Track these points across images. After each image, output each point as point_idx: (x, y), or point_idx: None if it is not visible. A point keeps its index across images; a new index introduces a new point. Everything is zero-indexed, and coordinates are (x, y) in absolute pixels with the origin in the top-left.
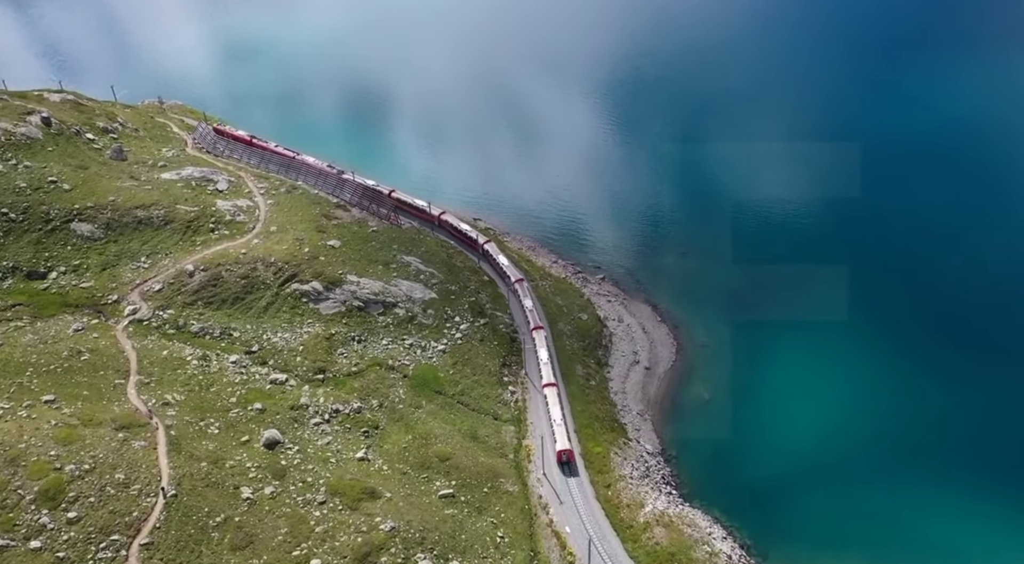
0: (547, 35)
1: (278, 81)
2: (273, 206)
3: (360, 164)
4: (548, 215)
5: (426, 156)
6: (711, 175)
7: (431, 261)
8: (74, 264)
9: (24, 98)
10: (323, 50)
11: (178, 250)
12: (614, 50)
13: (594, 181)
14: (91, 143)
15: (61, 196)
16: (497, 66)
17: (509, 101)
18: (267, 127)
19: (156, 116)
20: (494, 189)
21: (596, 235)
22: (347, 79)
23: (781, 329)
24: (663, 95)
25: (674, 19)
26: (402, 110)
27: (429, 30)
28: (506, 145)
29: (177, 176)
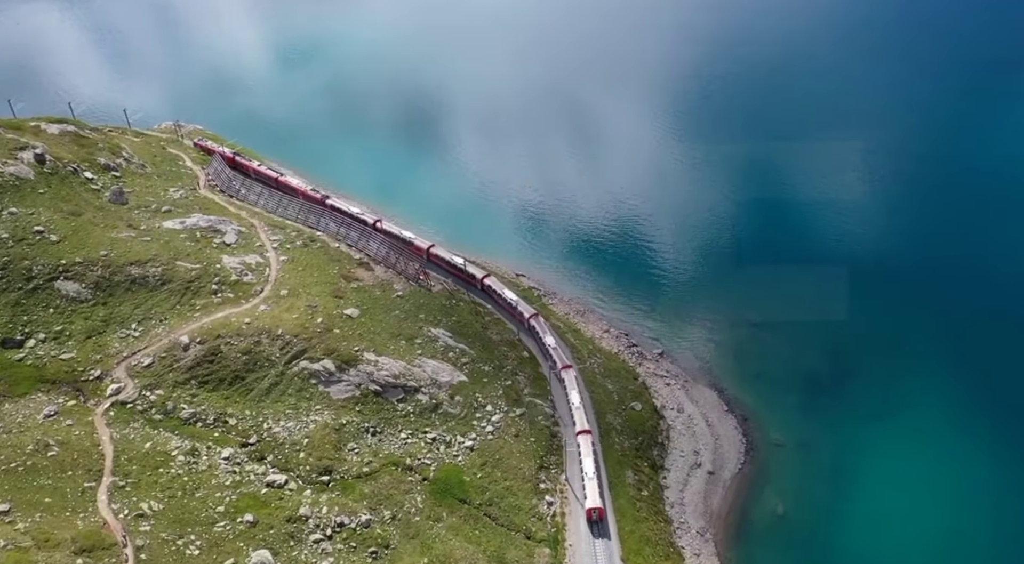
0: (610, 47)
1: (316, 98)
2: (286, 263)
3: (392, 204)
4: (600, 272)
5: (468, 196)
6: (793, 226)
7: (462, 334)
8: (56, 330)
9: (18, 130)
10: (369, 63)
11: (174, 316)
12: (682, 65)
13: (653, 234)
14: (89, 183)
15: (47, 249)
16: (554, 84)
17: (563, 130)
18: (295, 153)
19: (169, 145)
20: (541, 239)
21: (654, 299)
22: (392, 97)
23: (877, 426)
24: (735, 126)
25: (749, 41)
26: (447, 137)
27: (485, 39)
28: (556, 189)
29: (181, 225)
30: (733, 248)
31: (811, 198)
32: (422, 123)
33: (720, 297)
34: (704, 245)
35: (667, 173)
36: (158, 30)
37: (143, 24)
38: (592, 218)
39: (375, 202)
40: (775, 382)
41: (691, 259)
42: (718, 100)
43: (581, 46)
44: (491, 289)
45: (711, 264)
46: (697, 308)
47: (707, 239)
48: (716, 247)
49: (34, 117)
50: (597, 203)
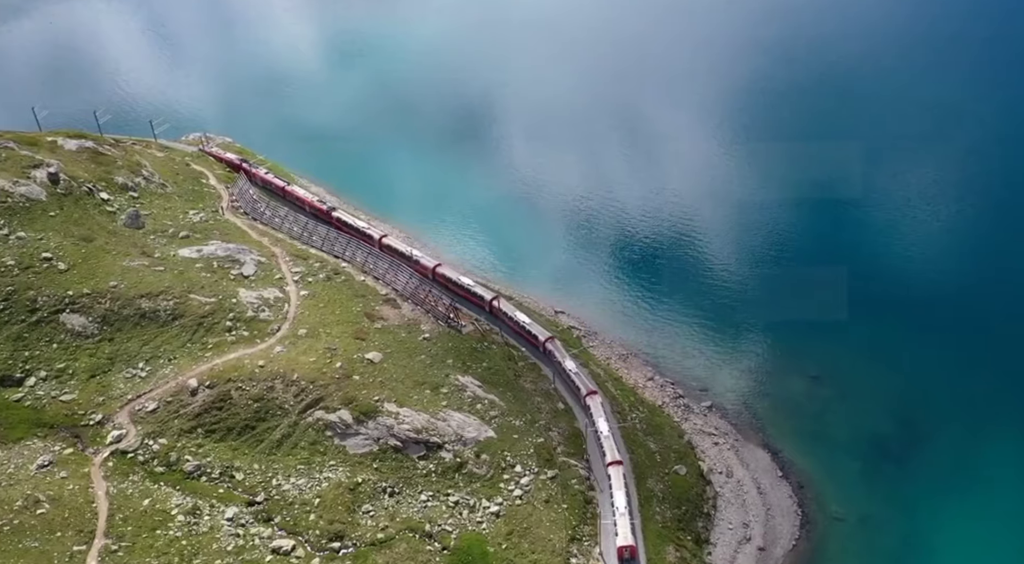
0: (665, 52)
1: (353, 108)
2: (307, 299)
3: (424, 223)
4: (646, 310)
5: (507, 218)
6: (863, 265)
7: (493, 382)
8: (58, 368)
9: (34, 146)
10: (412, 66)
11: (184, 356)
12: (742, 75)
13: (705, 268)
14: (104, 205)
15: (54, 279)
16: (605, 92)
17: (613, 143)
18: (330, 168)
19: (195, 160)
20: (584, 271)
21: (704, 342)
22: (433, 105)
23: (952, 501)
24: (801, 148)
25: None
26: (490, 149)
27: (532, 41)
28: (602, 214)
29: (197, 254)
30: (793, 288)
31: (885, 232)
32: (464, 133)
33: (777, 344)
34: (761, 284)
35: (726, 198)
36: (193, 33)
37: (178, 27)
38: (640, 248)
39: (407, 221)
40: (835, 444)
41: (746, 299)
42: (782, 114)
43: (634, 50)
44: (501, 312)
45: (768, 306)
46: (751, 355)
47: (765, 278)
48: (775, 287)
49: (51, 132)
50: (646, 232)
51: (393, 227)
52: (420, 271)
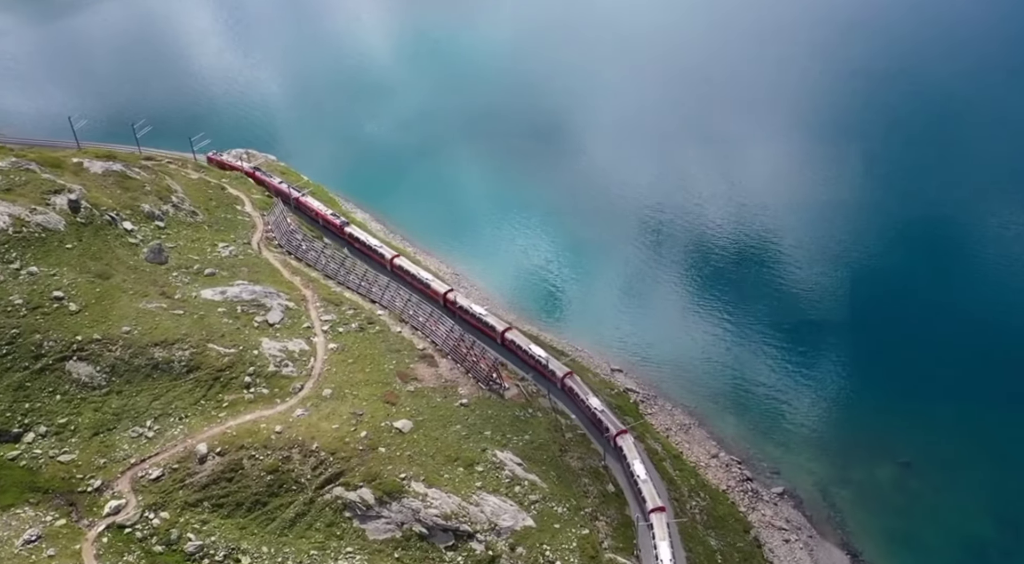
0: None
1: (411, 125)
2: (335, 353)
3: (472, 260)
4: (713, 374)
5: (566, 257)
6: (972, 327)
7: (535, 459)
8: (59, 423)
9: (58, 168)
10: (477, 77)
11: (196, 415)
12: (833, 102)
13: (783, 328)
14: (127, 236)
15: (63, 321)
16: (682, 110)
17: (689, 170)
18: (376, 190)
19: (232, 183)
20: (646, 324)
21: (778, 414)
22: (495, 121)
23: None
24: (901, 181)
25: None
26: (554, 174)
27: (611, 51)
28: (671, 259)
29: (221, 296)
30: (888, 356)
31: (1011, 292)
32: (528, 148)
33: (864, 420)
34: (850, 348)
35: (815, 245)
36: (247, 38)
37: (231, 31)
38: (711, 297)
39: (458, 254)
40: (926, 548)
41: (830, 365)
42: (886, 149)
43: (719, 67)
44: (514, 344)
45: (856, 374)
46: (832, 431)
47: (855, 341)
48: (865, 352)
49: (79, 151)
50: (720, 278)
51: (442, 260)
52: (432, 295)
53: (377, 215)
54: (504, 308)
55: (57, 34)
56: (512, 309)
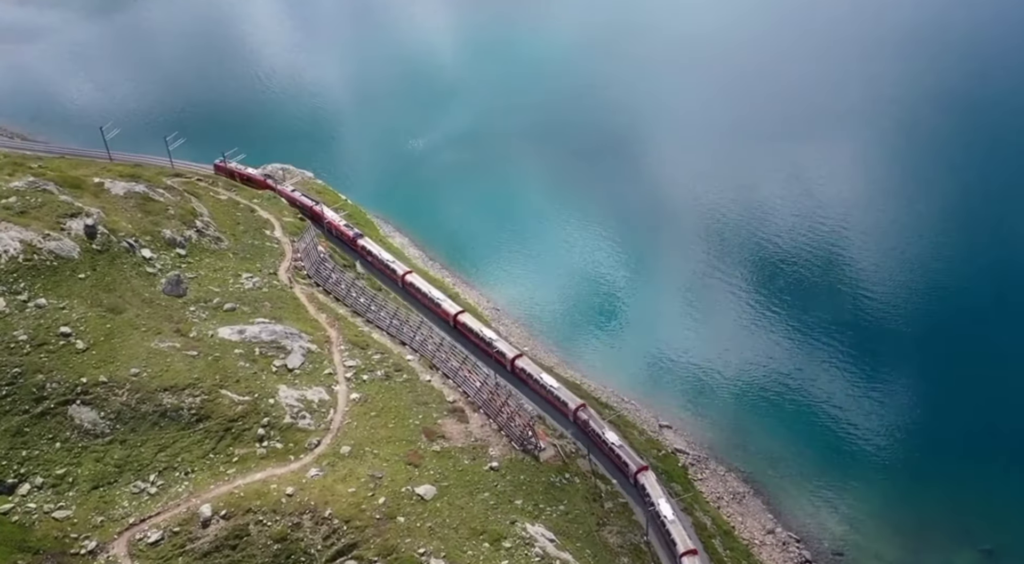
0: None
1: (467, 135)
2: (357, 405)
3: (513, 295)
4: (774, 433)
5: (618, 287)
6: None
7: (570, 534)
8: (57, 474)
9: (77, 189)
10: (540, 81)
11: (203, 470)
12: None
13: (856, 381)
14: (145, 264)
15: (69, 360)
16: (757, 126)
17: (766, 197)
18: (425, 214)
19: (263, 204)
20: (701, 371)
21: (844, 488)
22: (556, 125)
23: None
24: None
25: None
26: (614, 191)
27: (688, 59)
28: (733, 297)
29: (239, 335)
30: (975, 424)
31: None
32: (584, 176)
33: (941, 498)
34: (928, 410)
35: (901, 290)
36: (284, 44)
37: (270, 38)
38: (776, 348)
39: (492, 287)
40: None
41: (905, 432)
42: (980, 158)
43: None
44: (525, 373)
45: (934, 444)
46: (904, 509)
47: (933, 402)
48: (948, 419)
49: (102, 170)
50: (786, 325)
51: (482, 293)
52: (442, 316)
53: (417, 240)
54: (547, 350)
55: (98, 35)
56: (556, 352)
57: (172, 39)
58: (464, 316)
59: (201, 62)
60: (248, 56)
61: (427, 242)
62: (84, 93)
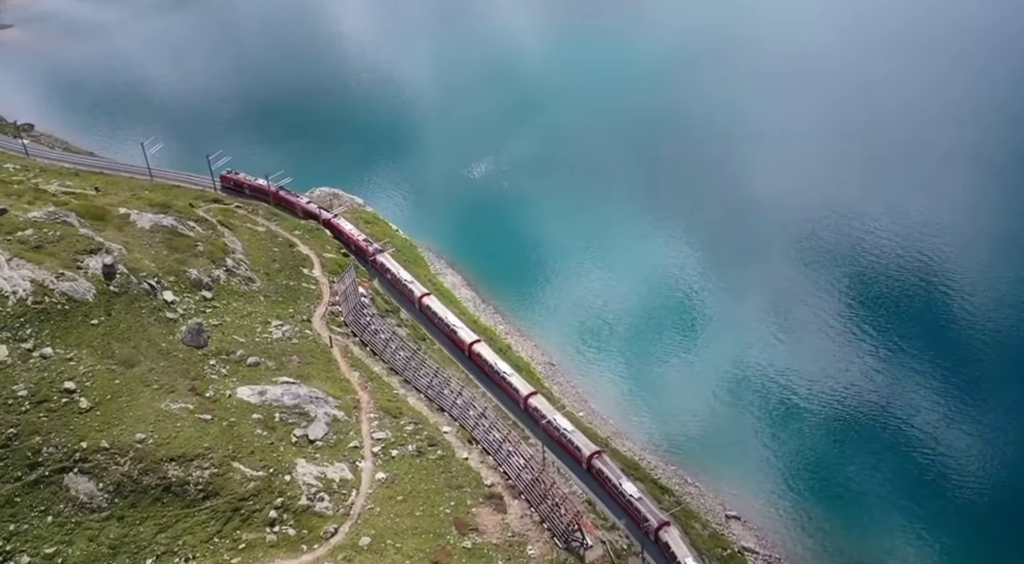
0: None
1: (541, 159)
2: (383, 486)
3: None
4: (860, 534)
5: (704, 358)
6: None
7: None
8: (46, 553)
9: (100, 221)
10: (626, 92)
11: (205, 556)
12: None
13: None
14: (165, 309)
15: (70, 421)
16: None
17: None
18: (477, 253)
19: (304, 237)
20: (783, 451)
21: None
22: (643, 146)
23: None
24: None
25: None
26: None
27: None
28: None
29: (259, 397)
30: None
31: None
32: (667, 212)
33: None
34: None
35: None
36: (344, 57)
37: (327, 50)
38: (876, 424)
39: (551, 339)
40: None
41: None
42: None
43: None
44: (537, 411)
45: None
46: None
47: None
48: None
49: (129, 198)
50: (893, 395)
51: (538, 345)
52: (458, 344)
53: (471, 280)
54: (603, 417)
55: (152, 36)
56: (613, 420)
57: (224, 45)
58: (479, 346)
59: (254, 72)
60: (301, 67)
61: (482, 283)
62: (130, 101)
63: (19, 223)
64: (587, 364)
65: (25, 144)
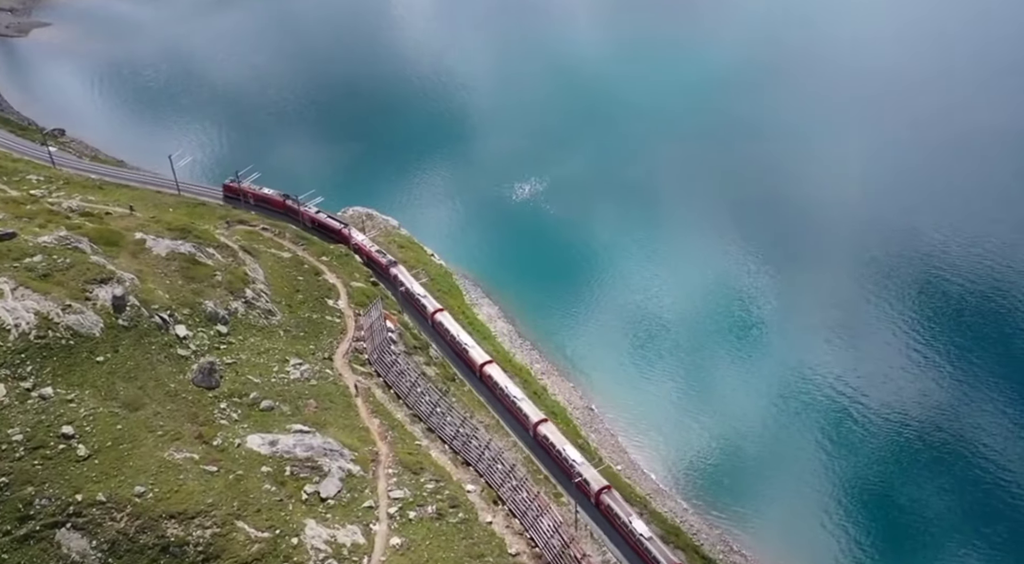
0: None
1: (602, 180)
2: (396, 554)
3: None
4: None
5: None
6: None
7: None
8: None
9: (113, 247)
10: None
11: None
12: None
13: None
14: (176, 345)
15: (66, 470)
16: None
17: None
18: (517, 284)
19: (330, 266)
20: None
21: None
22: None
23: None
24: None
25: None
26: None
27: None
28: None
29: (270, 447)
30: None
31: None
32: (734, 242)
33: None
34: None
35: None
36: (385, 66)
37: (362, 59)
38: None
39: (592, 381)
40: None
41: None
42: None
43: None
44: (547, 441)
45: None
46: None
47: None
48: None
49: (147, 221)
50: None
51: (577, 386)
52: (467, 364)
53: (508, 312)
54: (644, 472)
55: (189, 38)
56: (656, 476)
57: (263, 48)
58: (491, 367)
59: (291, 78)
60: (343, 74)
61: (520, 316)
62: (164, 106)
63: (28, 248)
64: (629, 410)
65: (52, 152)
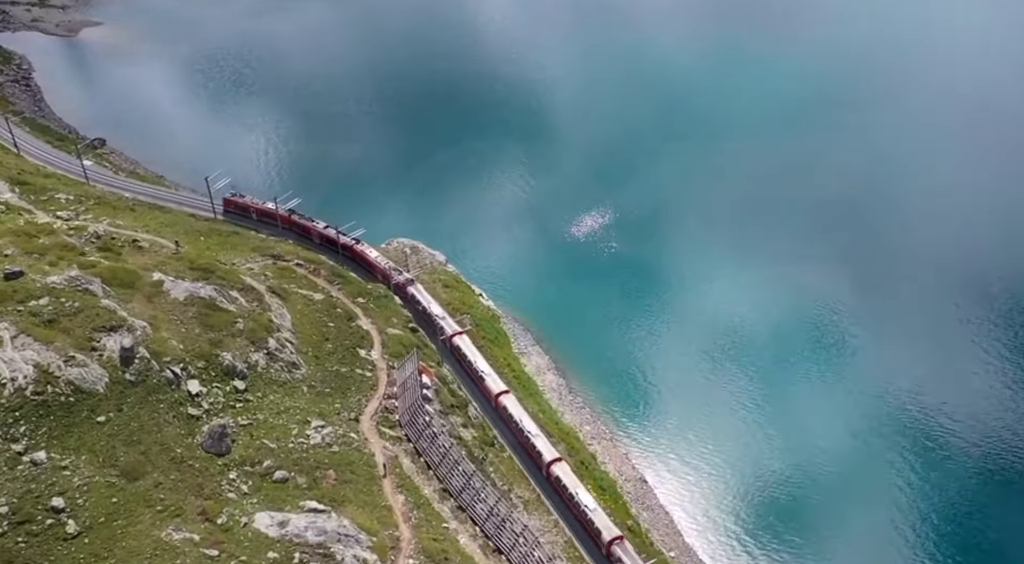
0: None
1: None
2: None
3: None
4: None
5: None
6: None
7: None
8: None
9: (128, 288)
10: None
11: None
12: None
13: None
14: (187, 403)
15: (51, 550)
16: None
17: None
18: (572, 334)
19: (366, 309)
20: None
21: None
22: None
23: None
24: None
25: None
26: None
27: None
28: None
29: (279, 529)
30: None
31: None
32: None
33: None
34: None
35: None
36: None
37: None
38: None
39: (648, 447)
40: None
41: None
42: None
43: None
44: (560, 483)
45: None
46: None
47: None
48: None
49: (168, 258)
50: None
51: (629, 453)
52: (483, 393)
53: (560, 364)
54: (702, 555)
55: (240, 43)
56: (716, 561)
57: (319, 53)
58: (506, 398)
59: (349, 89)
60: (396, 88)
61: (573, 370)
62: (211, 116)
63: (35, 290)
64: (690, 486)
65: (86, 167)
